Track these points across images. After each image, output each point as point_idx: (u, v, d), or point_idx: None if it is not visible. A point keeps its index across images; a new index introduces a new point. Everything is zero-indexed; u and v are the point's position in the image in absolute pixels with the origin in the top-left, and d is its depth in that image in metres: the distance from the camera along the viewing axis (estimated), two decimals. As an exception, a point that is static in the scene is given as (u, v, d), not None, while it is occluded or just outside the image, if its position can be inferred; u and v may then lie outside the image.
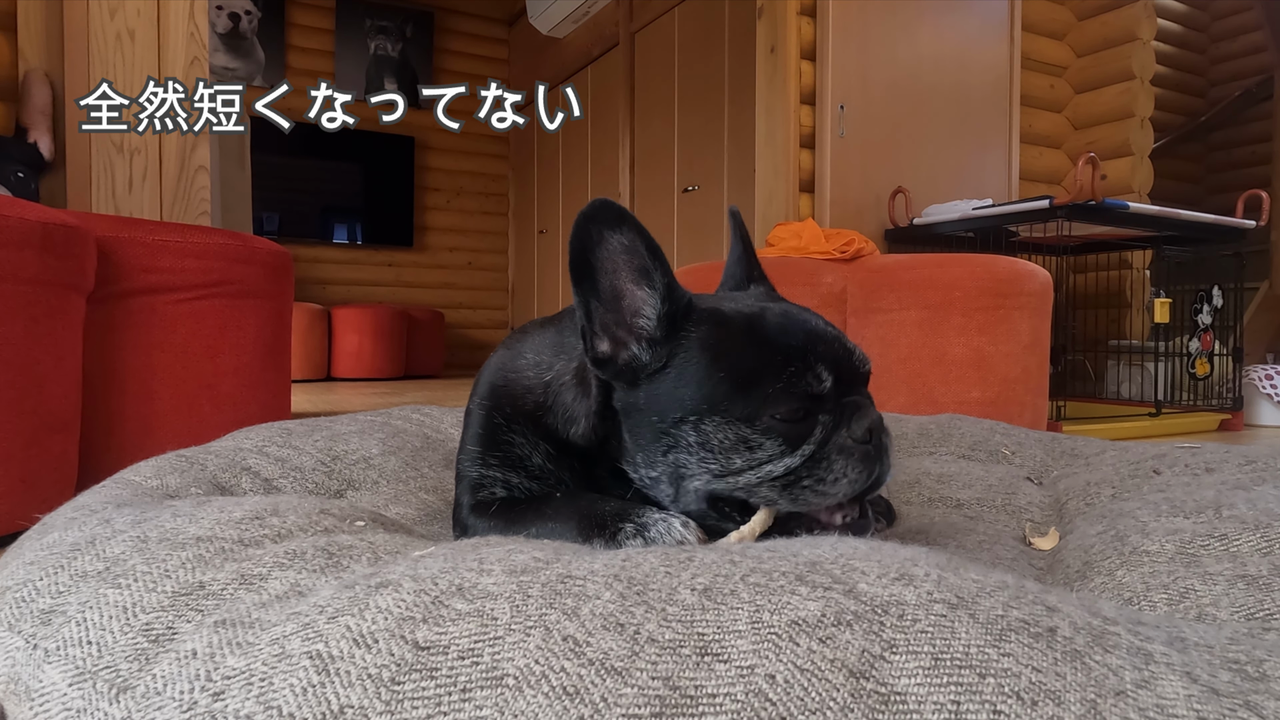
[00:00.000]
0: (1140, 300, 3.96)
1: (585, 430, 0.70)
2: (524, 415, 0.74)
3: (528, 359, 0.77)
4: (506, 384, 0.76)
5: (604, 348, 0.65)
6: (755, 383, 0.62)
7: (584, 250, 0.63)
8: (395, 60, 6.33)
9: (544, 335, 0.79)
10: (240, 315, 1.82)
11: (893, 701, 0.34)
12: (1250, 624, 0.51)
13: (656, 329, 0.64)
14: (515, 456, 0.74)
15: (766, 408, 0.62)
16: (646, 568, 0.44)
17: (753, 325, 0.66)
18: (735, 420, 0.62)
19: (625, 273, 0.64)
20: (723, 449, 0.62)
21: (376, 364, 5.27)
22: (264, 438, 1.03)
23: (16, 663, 0.48)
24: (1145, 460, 0.96)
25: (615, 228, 0.62)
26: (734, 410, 0.62)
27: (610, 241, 0.63)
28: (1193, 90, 5.69)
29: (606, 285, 0.64)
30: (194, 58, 2.23)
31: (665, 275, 0.64)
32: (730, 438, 0.62)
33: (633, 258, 0.63)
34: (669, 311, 0.65)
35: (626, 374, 0.66)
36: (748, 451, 0.62)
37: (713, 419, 0.62)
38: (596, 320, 0.65)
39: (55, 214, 1.42)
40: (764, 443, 0.62)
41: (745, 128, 3.92)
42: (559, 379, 0.73)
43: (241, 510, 0.62)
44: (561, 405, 0.72)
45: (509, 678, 0.37)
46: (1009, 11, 3.67)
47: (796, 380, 0.62)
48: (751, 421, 0.62)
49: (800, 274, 2.42)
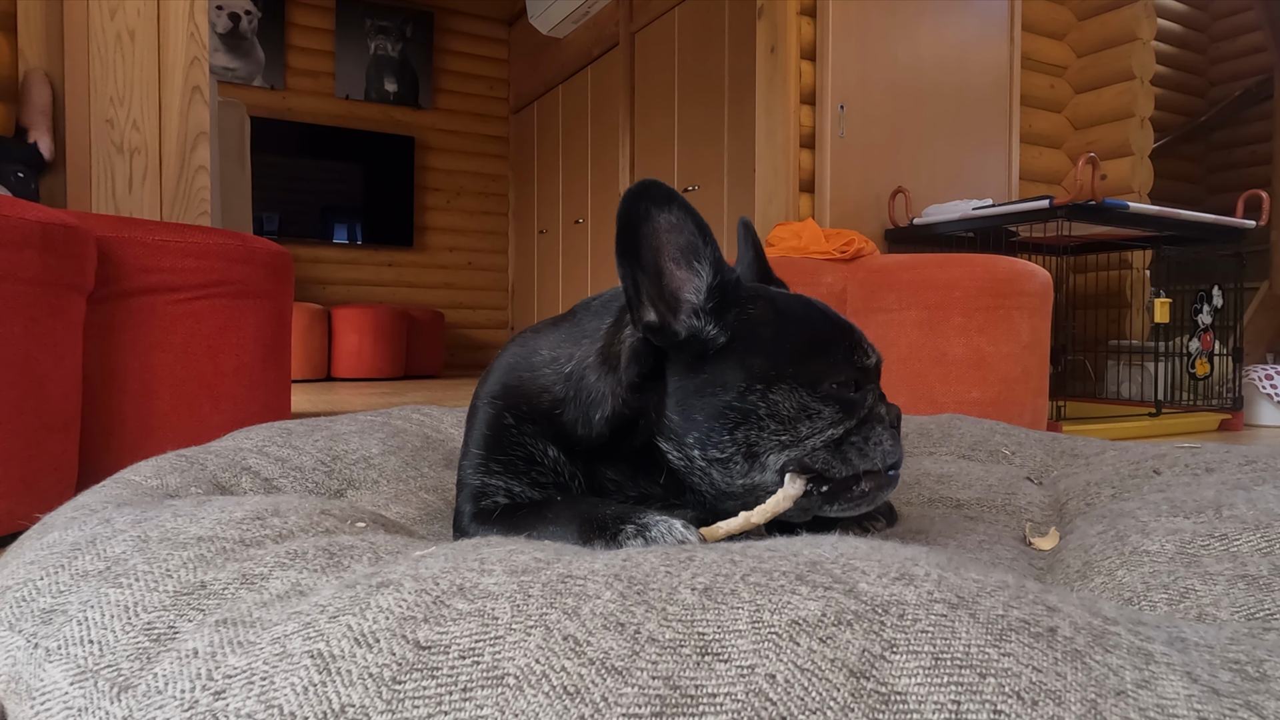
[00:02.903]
0: (1140, 300, 3.96)
1: (613, 410, 0.69)
2: (539, 414, 0.73)
3: (544, 355, 0.75)
4: (521, 383, 0.75)
5: (651, 317, 0.66)
6: (820, 350, 0.67)
7: (631, 226, 0.64)
8: (395, 60, 6.33)
9: (558, 332, 0.77)
10: (240, 315, 1.82)
11: (893, 701, 0.34)
12: (1250, 624, 0.51)
13: (707, 301, 0.66)
14: (521, 461, 0.73)
15: (829, 374, 0.66)
16: (647, 567, 0.44)
17: (806, 304, 0.71)
18: (800, 387, 0.65)
19: (670, 249, 0.65)
20: (790, 418, 0.65)
21: (376, 364, 5.27)
22: (264, 438, 1.03)
23: (18, 662, 0.48)
24: (1145, 460, 0.96)
25: (663, 206, 0.64)
26: (801, 375, 0.65)
27: (657, 219, 0.64)
28: (1193, 90, 5.69)
29: (650, 260, 0.65)
30: (194, 58, 2.23)
31: (714, 251, 0.66)
32: (796, 405, 0.65)
33: (679, 235, 0.65)
34: (720, 284, 0.66)
35: (689, 347, 0.66)
36: (809, 420, 0.65)
37: (781, 386, 0.65)
38: (643, 292, 0.66)
39: (55, 214, 1.42)
40: (823, 410, 0.66)
41: (745, 127, 3.92)
42: (581, 365, 0.72)
43: (243, 511, 0.62)
44: (585, 391, 0.70)
45: (510, 677, 0.37)
46: (1009, 11, 3.67)
47: (851, 352, 0.68)
48: (815, 387, 0.65)
49: (800, 274, 2.42)
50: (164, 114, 2.19)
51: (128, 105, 2.15)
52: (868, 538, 0.52)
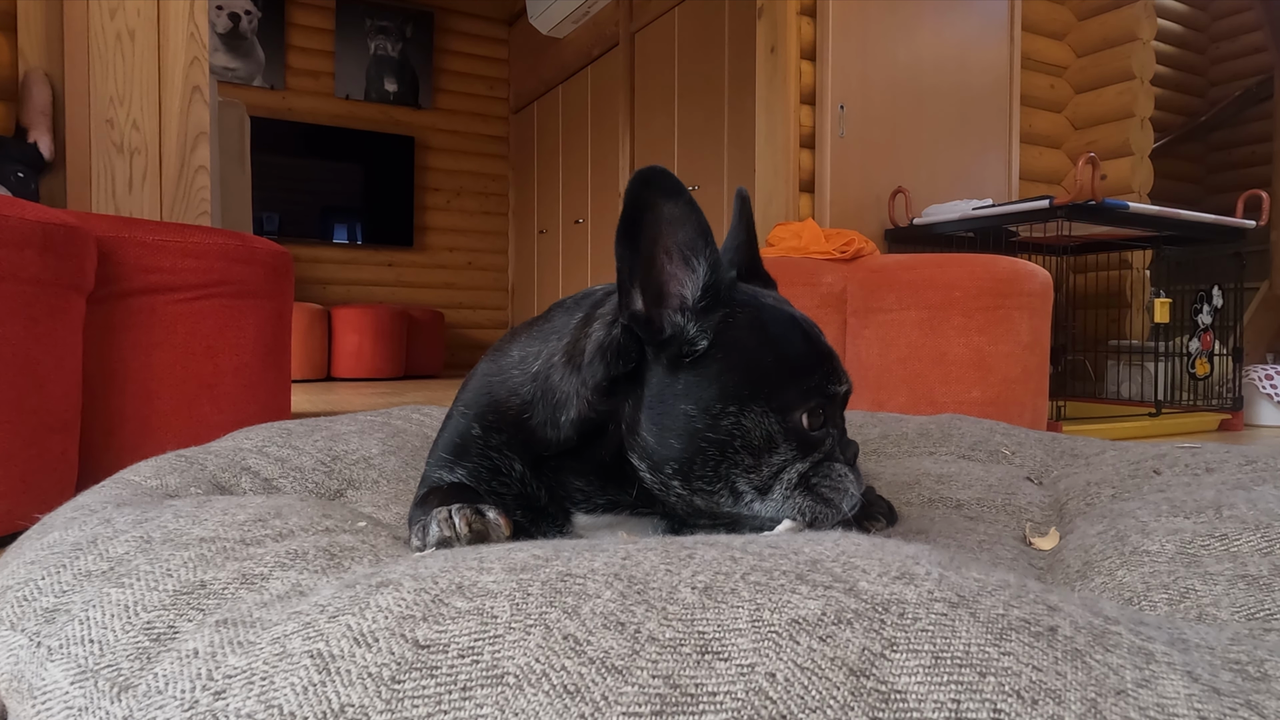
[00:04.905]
0: (1140, 300, 3.96)
1: (578, 414, 0.66)
2: (507, 422, 0.70)
3: (514, 357, 0.74)
4: (490, 389, 0.73)
5: (639, 306, 0.64)
6: (796, 375, 0.64)
7: (636, 210, 0.62)
8: (395, 60, 6.33)
9: (530, 331, 0.76)
10: (240, 315, 1.82)
11: (893, 700, 0.34)
12: (1251, 624, 0.51)
13: (699, 300, 0.64)
14: (485, 471, 0.71)
15: (801, 402, 0.63)
16: (647, 566, 0.44)
17: (791, 319, 0.68)
18: (772, 412, 0.62)
19: (668, 241, 0.64)
20: (758, 448, 0.62)
21: (376, 364, 5.27)
22: (264, 438, 1.03)
23: (19, 661, 0.48)
24: (1145, 460, 0.96)
25: (670, 197, 0.62)
26: (774, 400, 0.63)
27: (661, 208, 0.62)
28: (1193, 90, 5.69)
29: (647, 249, 0.64)
30: (194, 58, 2.23)
31: (714, 251, 0.64)
32: (763, 435, 0.62)
33: (681, 229, 0.63)
34: (714, 283, 0.64)
35: (670, 346, 0.64)
36: (770, 453, 0.63)
37: (753, 409, 0.62)
38: (636, 279, 0.64)
39: (55, 214, 1.43)
40: (783, 445, 0.63)
41: (745, 127, 3.92)
42: (547, 364, 0.70)
43: (245, 512, 0.62)
44: (550, 391, 0.68)
45: (509, 676, 0.37)
46: (1009, 11, 3.67)
47: (824, 383, 0.65)
48: (784, 415, 0.63)
49: (800, 274, 2.42)
50: (164, 114, 2.19)
51: (128, 105, 2.15)
52: (868, 537, 0.51)
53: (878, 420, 1.40)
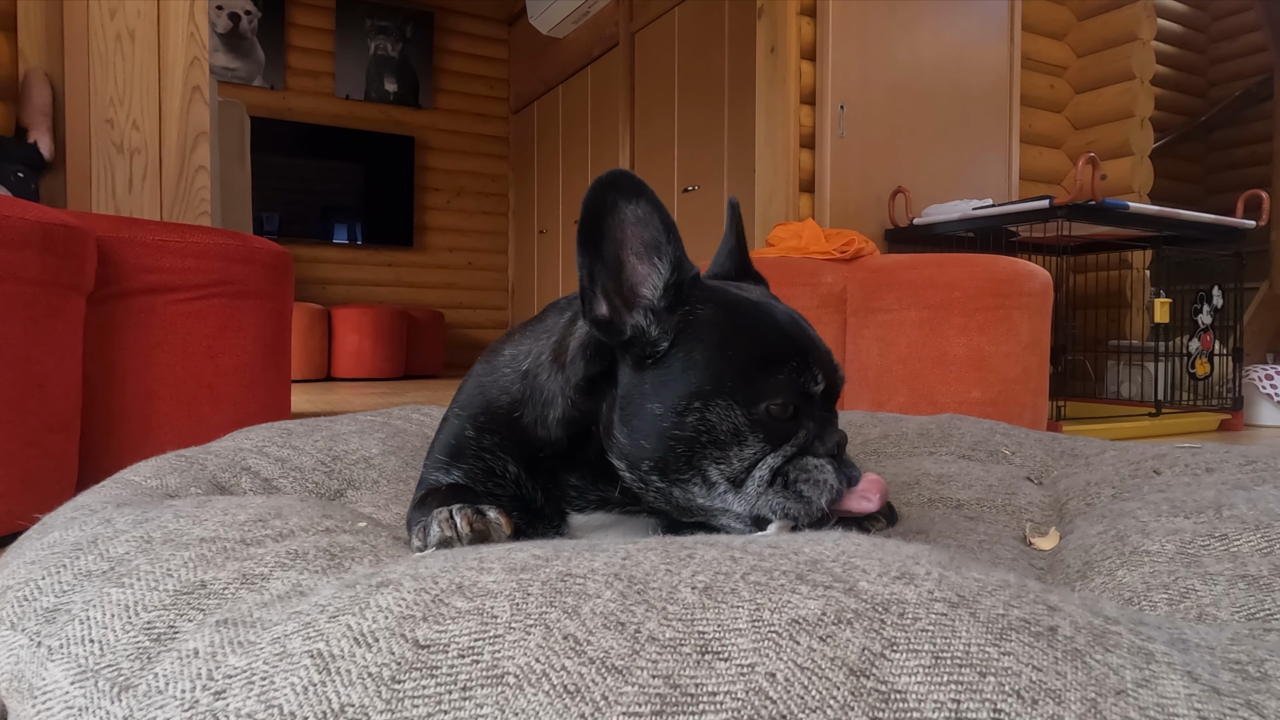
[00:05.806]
0: (1140, 300, 3.96)
1: (563, 413, 0.67)
2: (499, 423, 0.71)
3: (506, 356, 0.74)
4: (483, 389, 0.74)
5: (602, 310, 0.64)
6: (762, 367, 0.63)
7: (596, 215, 0.62)
8: (395, 60, 6.33)
9: (524, 331, 0.76)
10: (240, 315, 1.82)
11: (893, 699, 0.34)
12: (1251, 624, 0.51)
13: (661, 299, 0.64)
14: (480, 473, 0.72)
15: (767, 395, 0.62)
16: (647, 566, 0.44)
17: (759, 312, 0.66)
18: (737, 406, 0.62)
19: (633, 244, 0.63)
20: (724, 441, 0.62)
21: (376, 364, 5.27)
22: (264, 438, 1.03)
23: (20, 660, 0.48)
24: (1145, 460, 0.96)
25: (630, 198, 0.62)
26: (739, 393, 0.62)
27: (623, 210, 0.62)
28: (1193, 90, 5.69)
29: (612, 253, 0.63)
30: (194, 58, 2.23)
31: (676, 250, 0.64)
32: (729, 428, 0.62)
33: (644, 230, 0.63)
34: (676, 282, 0.64)
35: (634, 348, 0.64)
36: (738, 446, 0.62)
37: (717, 403, 0.62)
38: (598, 284, 0.64)
39: (55, 214, 1.43)
40: (750, 437, 0.62)
41: (745, 127, 3.92)
42: (536, 362, 0.70)
43: (245, 513, 0.62)
44: (538, 389, 0.69)
45: (509, 676, 0.37)
46: (1009, 11, 3.67)
47: (796, 376, 0.64)
48: (750, 408, 0.62)
49: (800, 274, 2.42)
50: (164, 114, 2.19)
51: (128, 105, 2.15)
52: (868, 537, 0.51)
53: (878, 420, 1.40)
